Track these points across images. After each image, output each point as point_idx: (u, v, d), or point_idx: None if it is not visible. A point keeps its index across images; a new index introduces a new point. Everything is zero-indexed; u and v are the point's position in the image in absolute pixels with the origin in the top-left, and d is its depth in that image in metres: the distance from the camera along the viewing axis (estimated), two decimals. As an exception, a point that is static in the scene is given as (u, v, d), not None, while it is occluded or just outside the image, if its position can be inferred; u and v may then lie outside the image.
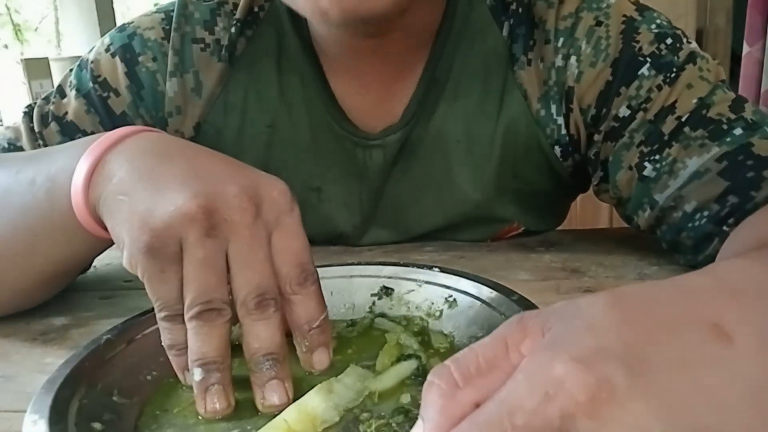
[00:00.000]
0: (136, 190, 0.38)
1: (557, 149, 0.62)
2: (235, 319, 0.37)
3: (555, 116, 0.61)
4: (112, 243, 0.46)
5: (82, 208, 0.41)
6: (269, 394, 0.35)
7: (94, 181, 0.40)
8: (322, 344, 0.39)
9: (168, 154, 0.40)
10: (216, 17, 0.63)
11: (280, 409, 0.34)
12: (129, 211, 0.37)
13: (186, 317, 0.35)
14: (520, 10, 0.60)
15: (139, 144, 0.41)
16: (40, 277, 0.51)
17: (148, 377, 0.39)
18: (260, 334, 0.36)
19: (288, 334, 0.38)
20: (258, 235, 0.37)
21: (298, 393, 0.35)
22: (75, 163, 0.42)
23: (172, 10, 0.63)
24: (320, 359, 0.39)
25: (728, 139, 0.52)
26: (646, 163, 0.55)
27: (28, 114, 0.63)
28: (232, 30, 0.62)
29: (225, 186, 0.37)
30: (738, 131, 0.52)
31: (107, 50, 0.63)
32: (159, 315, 0.36)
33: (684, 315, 0.23)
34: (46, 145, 0.61)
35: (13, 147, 0.62)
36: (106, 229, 0.41)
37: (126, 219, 0.37)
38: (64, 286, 0.56)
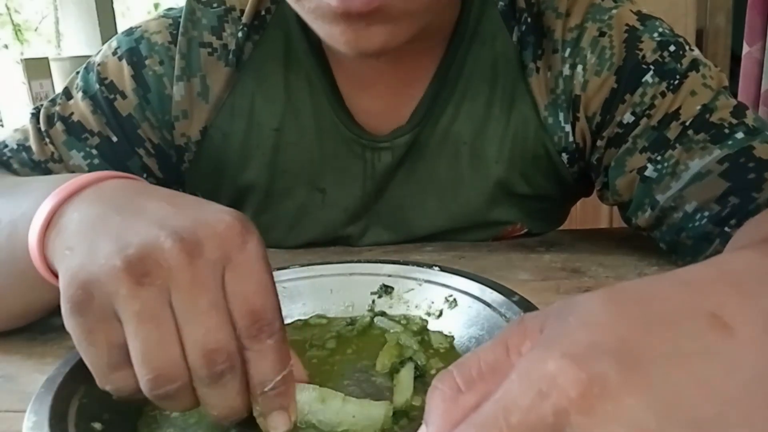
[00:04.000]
0: (78, 245, 0.34)
1: (564, 156, 0.63)
2: None
3: (563, 124, 0.61)
4: None
5: (38, 261, 0.38)
6: None
7: (48, 235, 0.37)
8: (277, 408, 0.33)
9: (115, 204, 0.36)
10: (223, 23, 0.63)
11: None
12: (65, 267, 0.33)
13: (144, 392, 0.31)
14: (530, 19, 0.60)
15: (95, 194, 0.38)
16: (12, 314, 0.49)
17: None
18: (217, 405, 0.32)
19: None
20: (200, 277, 0.31)
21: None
22: (35, 210, 0.38)
23: (180, 16, 0.63)
24: (275, 424, 0.33)
25: (730, 143, 0.53)
26: (648, 165, 0.56)
27: (35, 115, 0.63)
28: (239, 35, 0.62)
29: (158, 230, 0.32)
30: (739, 135, 0.53)
31: (114, 53, 0.63)
32: (100, 386, 0.32)
33: (682, 306, 0.23)
34: (53, 144, 0.61)
35: (22, 147, 0.62)
36: None
37: (62, 275, 0.33)
38: (45, 315, 0.52)
